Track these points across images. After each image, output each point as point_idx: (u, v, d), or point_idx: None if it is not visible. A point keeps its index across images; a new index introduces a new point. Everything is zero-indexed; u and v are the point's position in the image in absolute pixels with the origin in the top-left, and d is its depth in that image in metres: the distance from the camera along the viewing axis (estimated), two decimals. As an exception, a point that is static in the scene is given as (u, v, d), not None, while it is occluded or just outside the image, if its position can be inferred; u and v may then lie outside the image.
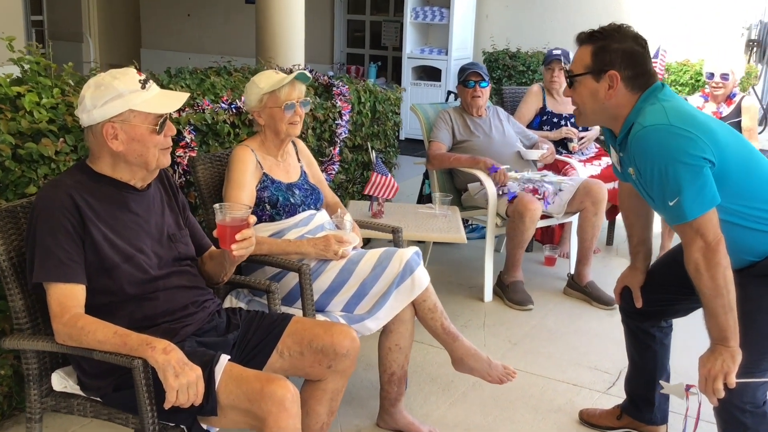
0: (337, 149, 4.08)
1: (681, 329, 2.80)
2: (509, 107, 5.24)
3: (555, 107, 4.92)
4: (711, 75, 4.67)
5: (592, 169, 4.76)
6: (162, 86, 3.46)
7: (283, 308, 2.72)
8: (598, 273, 4.44)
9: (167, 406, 1.88)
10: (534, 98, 4.93)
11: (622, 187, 2.64)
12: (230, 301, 2.82)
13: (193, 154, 3.05)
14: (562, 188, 4.15)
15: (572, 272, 4.37)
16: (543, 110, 4.92)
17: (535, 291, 4.28)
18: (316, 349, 2.25)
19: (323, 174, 3.30)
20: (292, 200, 2.88)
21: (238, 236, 2.12)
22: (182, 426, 2.00)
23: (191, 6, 10.55)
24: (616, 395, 3.18)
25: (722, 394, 2.12)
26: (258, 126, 2.94)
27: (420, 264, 2.77)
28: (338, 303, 2.76)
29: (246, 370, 2.00)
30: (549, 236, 4.95)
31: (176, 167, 3.02)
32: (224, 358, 2.01)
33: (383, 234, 3.31)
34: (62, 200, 2.02)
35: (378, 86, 4.72)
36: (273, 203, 2.84)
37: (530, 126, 4.89)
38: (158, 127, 2.09)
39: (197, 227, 2.45)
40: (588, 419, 2.98)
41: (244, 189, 2.78)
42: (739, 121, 4.66)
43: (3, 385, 2.68)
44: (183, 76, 3.81)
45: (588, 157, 4.94)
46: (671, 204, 2.08)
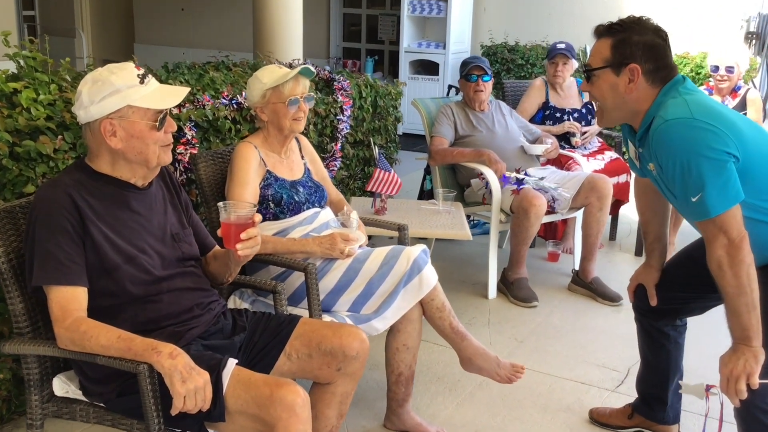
0: (339, 145, 4.01)
1: (690, 325, 2.74)
2: (511, 101, 5.18)
3: (558, 102, 4.87)
4: (716, 68, 4.61)
5: (596, 164, 4.70)
6: (160, 82, 3.40)
7: (289, 308, 2.67)
8: (602, 268, 4.41)
9: (174, 413, 1.84)
10: (537, 92, 4.87)
11: (638, 183, 2.58)
12: (234, 302, 2.76)
13: (195, 151, 2.98)
14: (558, 195, 4.09)
15: (577, 268, 4.32)
16: (546, 105, 4.86)
17: (540, 287, 4.23)
18: (325, 352, 2.20)
19: (326, 170, 3.23)
20: (297, 198, 2.82)
21: (243, 235, 2.05)
22: (189, 432, 1.95)
23: (185, 0, 10.45)
24: (626, 393, 3.14)
25: (745, 395, 2.07)
26: (261, 122, 2.87)
27: (428, 262, 2.72)
28: (345, 303, 2.71)
29: (254, 375, 1.95)
30: (552, 231, 4.89)
31: (177, 164, 2.95)
32: (232, 362, 1.96)
33: (387, 231, 3.26)
34: (61, 200, 1.96)
35: (378, 81, 4.65)
36: (277, 201, 2.78)
37: (533, 120, 4.83)
38: (158, 123, 2.03)
39: (201, 226, 2.39)
40: (598, 418, 2.93)
41: (248, 187, 2.72)
42: (745, 114, 4.61)
43: (2, 389, 2.62)
44: (181, 71, 3.74)
45: (591, 152, 4.88)
46: (694, 200, 2.03)
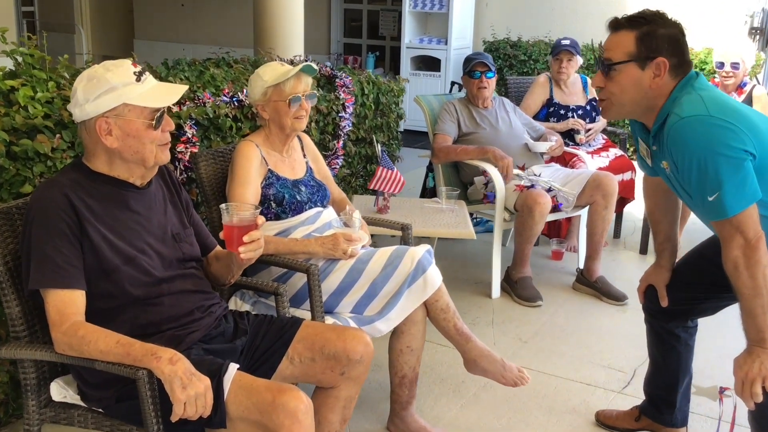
0: (341, 143, 3.96)
1: (699, 325, 2.69)
2: (514, 98, 5.13)
3: (562, 98, 4.81)
4: (721, 64, 4.56)
5: (600, 161, 4.65)
6: (160, 79, 3.35)
7: (291, 310, 2.62)
8: (607, 267, 4.36)
9: (174, 419, 1.80)
10: (541, 89, 4.82)
11: (648, 183, 2.53)
12: (235, 303, 2.72)
13: (195, 150, 2.93)
14: (563, 198, 4.04)
15: (581, 267, 4.27)
16: (550, 101, 4.81)
17: (544, 286, 4.18)
18: (328, 355, 2.16)
19: (328, 169, 3.19)
20: (299, 197, 2.77)
21: (246, 238, 2.01)
22: (190, 439, 1.91)
23: (185, -4, 10.42)
24: (632, 395, 3.10)
25: (760, 399, 2.02)
26: (262, 120, 2.83)
27: (432, 263, 2.67)
28: (348, 304, 2.66)
29: (256, 380, 1.91)
30: (556, 229, 4.84)
31: (178, 163, 2.90)
32: (233, 368, 1.92)
33: (389, 230, 3.21)
34: (58, 201, 1.91)
35: (380, 77, 4.60)
36: (278, 201, 2.73)
37: (536, 117, 4.78)
38: (155, 122, 1.98)
39: (202, 226, 2.35)
40: (605, 421, 2.89)
41: (249, 186, 2.68)
42: (752, 110, 4.56)
43: (-1, 392, 2.58)
44: (181, 68, 3.69)
45: (595, 149, 4.83)
46: (711, 199, 1.98)
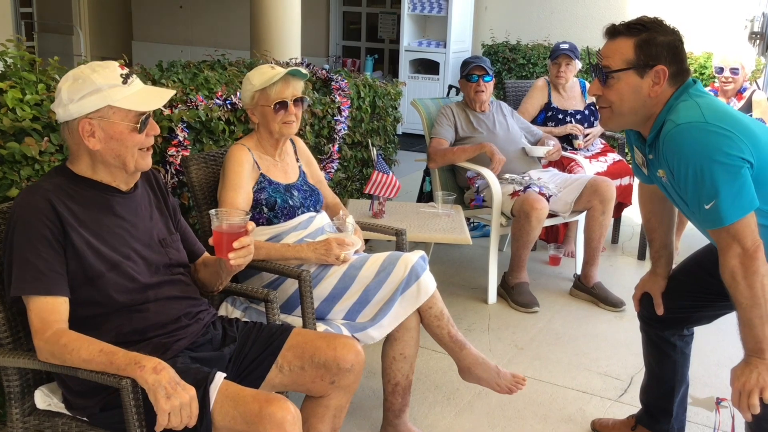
0: (336, 146, 3.92)
1: (695, 333, 2.64)
2: (512, 101, 5.10)
3: (560, 103, 4.78)
4: (720, 69, 4.53)
5: (598, 166, 4.62)
6: (153, 81, 3.32)
7: (282, 316, 2.59)
8: (604, 272, 4.32)
9: (159, 429, 1.75)
10: (539, 93, 4.78)
11: (643, 190, 2.50)
12: (225, 309, 2.69)
13: (186, 153, 2.89)
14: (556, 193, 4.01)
15: (578, 273, 4.23)
16: (548, 106, 4.77)
17: (541, 292, 4.15)
18: (319, 364, 2.12)
19: (322, 173, 3.15)
20: (291, 202, 2.73)
21: (236, 244, 1.98)
22: (174, 449, 1.86)
23: (183, -2, 10.39)
24: (629, 403, 3.06)
25: (758, 410, 1.99)
26: (253, 124, 2.80)
27: (426, 269, 2.64)
28: (340, 311, 2.62)
29: (243, 389, 1.87)
30: (553, 234, 4.80)
31: (168, 167, 2.86)
32: (219, 376, 1.88)
33: (385, 236, 3.17)
34: (40, 206, 1.88)
35: (377, 80, 4.56)
36: (270, 205, 2.70)
37: (534, 121, 4.75)
38: (139, 126, 1.95)
39: (189, 232, 2.31)
40: (601, 429, 2.85)
41: (240, 191, 2.64)
42: (750, 116, 4.52)
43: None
44: (175, 71, 3.66)
45: (594, 154, 4.79)
46: (707, 207, 1.95)
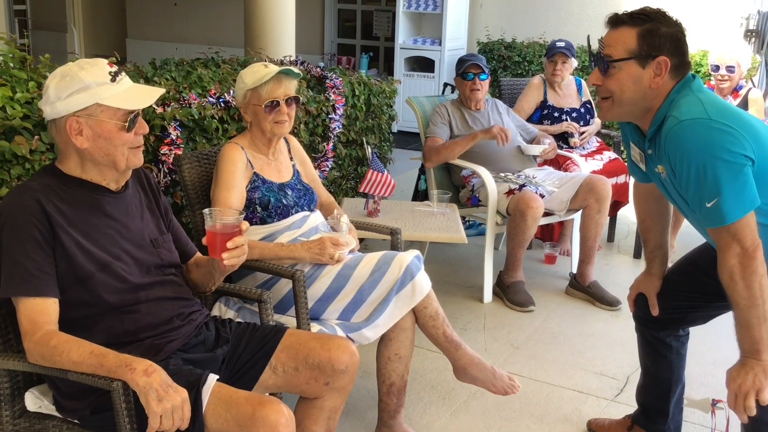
0: (331, 145, 3.90)
1: (690, 332, 2.64)
2: (508, 99, 5.08)
3: (556, 101, 4.76)
4: (716, 67, 4.51)
5: (594, 164, 4.60)
6: (146, 79, 3.29)
7: (276, 316, 2.56)
8: (600, 271, 4.31)
9: (150, 433, 1.72)
10: (535, 91, 4.76)
11: (638, 190, 2.47)
12: (219, 309, 2.66)
13: (179, 152, 2.86)
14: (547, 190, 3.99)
15: (574, 271, 4.22)
16: (544, 104, 4.75)
17: (536, 291, 4.13)
18: (313, 365, 2.10)
19: (317, 172, 3.13)
20: (285, 201, 2.71)
21: (230, 244, 1.95)
22: (166, 453, 1.84)
23: (178, -5, 10.34)
24: (625, 403, 3.05)
25: (754, 412, 1.97)
26: (246, 122, 2.77)
27: (421, 269, 2.62)
28: (334, 311, 2.60)
29: (236, 392, 1.85)
30: (548, 233, 4.79)
31: (161, 166, 2.84)
32: (212, 378, 1.86)
33: (380, 235, 3.15)
34: (29, 206, 1.85)
35: (372, 78, 4.54)
36: (264, 205, 2.67)
37: (530, 120, 4.72)
38: (128, 124, 1.92)
39: (181, 232, 2.28)
40: (597, 430, 2.84)
41: (234, 190, 2.62)
42: (746, 114, 4.51)
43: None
44: (168, 68, 3.62)
45: (589, 152, 4.77)
46: (709, 205, 1.93)
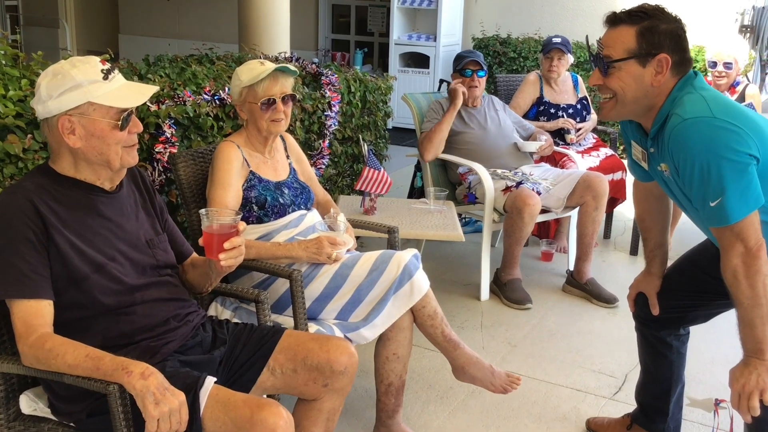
0: (327, 142, 3.87)
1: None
2: (503, 96, 5.06)
3: (552, 97, 4.74)
4: (713, 64, 4.50)
5: (591, 161, 4.59)
6: (140, 76, 3.25)
7: (273, 316, 2.54)
8: (597, 268, 4.30)
9: (147, 437, 1.70)
10: (531, 87, 4.74)
11: (638, 188, 2.45)
12: (215, 309, 2.64)
13: (174, 150, 2.83)
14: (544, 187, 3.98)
15: (571, 269, 4.21)
16: (540, 100, 4.73)
17: (533, 288, 4.11)
18: (311, 367, 2.07)
19: (313, 169, 3.10)
20: (281, 200, 2.68)
21: (227, 245, 1.93)
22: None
23: (170, -10, 10.27)
24: (624, 401, 3.04)
25: (758, 412, 1.96)
26: (242, 120, 2.74)
27: (419, 268, 2.60)
28: (332, 310, 2.58)
29: (234, 394, 1.82)
30: (545, 230, 4.77)
31: (156, 164, 2.80)
32: (210, 381, 1.83)
33: (377, 233, 3.13)
34: (22, 207, 1.82)
35: (368, 75, 4.51)
36: (261, 204, 2.64)
37: (526, 116, 4.70)
38: (121, 123, 1.89)
39: (177, 232, 2.25)
40: (596, 429, 2.82)
41: (230, 188, 2.59)
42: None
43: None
44: (162, 65, 3.59)
45: (586, 148, 4.76)
46: (712, 205, 1.91)
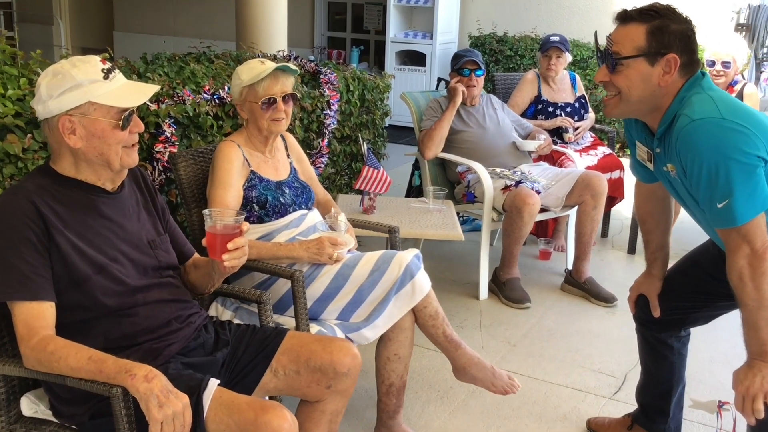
0: (326, 141, 3.86)
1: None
2: (501, 94, 5.05)
3: (550, 96, 4.73)
4: (712, 63, 4.49)
5: (589, 160, 4.59)
6: (138, 74, 3.24)
7: (274, 316, 2.52)
8: (595, 266, 4.29)
9: (151, 440, 1.69)
10: (529, 86, 4.73)
11: (641, 190, 2.45)
12: (216, 309, 2.62)
13: (174, 150, 2.82)
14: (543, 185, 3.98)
15: (569, 268, 4.21)
16: (538, 99, 4.73)
17: (532, 287, 4.11)
18: (314, 368, 2.07)
19: (312, 169, 3.08)
20: (282, 200, 2.67)
21: (230, 245, 1.92)
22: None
23: (166, -14, 10.22)
24: (624, 401, 3.04)
25: (762, 415, 1.96)
26: (242, 119, 2.73)
27: (420, 268, 2.59)
28: (333, 311, 2.57)
29: (238, 397, 1.81)
30: (543, 229, 4.77)
31: (156, 164, 2.79)
32: (213, 383, 1.82)
33: (376, 233, 3.12)
34: (23, 208, 1.81)
35: (366, 73, 4.50)
36: (261, 203, 2.63)
37: (524, 115, 4.70)
38: (122, 122, 1.88)
39: (179, 233, 2.24)
40: (596, 429, 2.82)
41: (230, 188, 2.58)
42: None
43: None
44: (160, 63, 3.57)
45: (584, 147, 4.76)
46: (720, 206, 1.90)
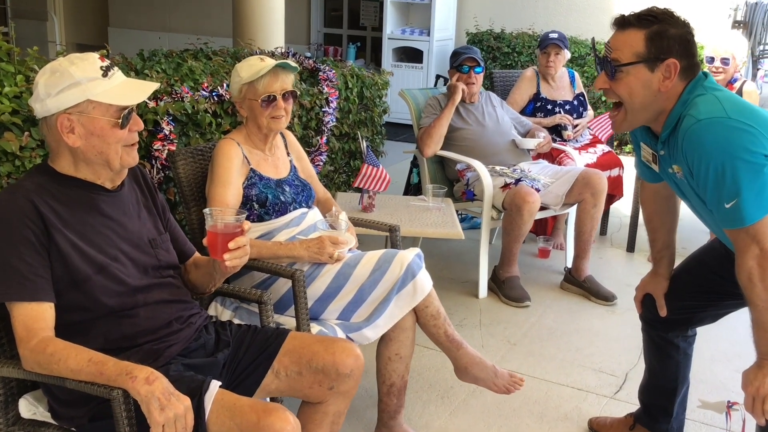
0: (325, 138, 3.83)
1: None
2: (500, 91, 5.02)
3: (549, 93, 4.71)
4: (711, 59, 4.48)
5: (588, 157, 4.57)
6: (136, 71, 3.20)
7: (274, 316, 2.50)
8: (594, 265, 4.28)
9: (152, 442, 1.66)
10: (528, 83, 4.71)
11: (647, 189, 2.43)
12: (215, 309, 2.60)
13: (173, 147, 2.79)
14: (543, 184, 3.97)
15: (569, 266, 4.19)
16: (537, 96, 4.70)
17: (531, 286, 4.09)
18: (316, 369, 2.04)
19: (312, 167, 3.06)
20: (282, 198, 2.64)
21: (232, 244, 1.89)
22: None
23: (161, -18, 10.16)
24: (625, 400, 3.02)
25: None
26: (242, 117, 2.70)
27: (422, 267, 2.57)
28: (334, 310, 2.55)
29: (240, 399, 1.79)
30: (542, 227, 4.75)
31: (154, 162, 2.76)
32: (215, 385, 1.80)
33: (375, 231, 3.10)
34: (22, 207, 1.78)
35: (364, 70, 4.47)
36: (261, 202, 2.61)
37: (523, 112, 4.67)
38: (121, 121, 1.85)
39: (179, 232, 2.22)
40: (598, 428, 2.81)
41: (230, 186, 2.55)
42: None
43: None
44: (158, 60, 3.54)
45: (583, 144, 4.74)
46: (727, 206, 1.89)
